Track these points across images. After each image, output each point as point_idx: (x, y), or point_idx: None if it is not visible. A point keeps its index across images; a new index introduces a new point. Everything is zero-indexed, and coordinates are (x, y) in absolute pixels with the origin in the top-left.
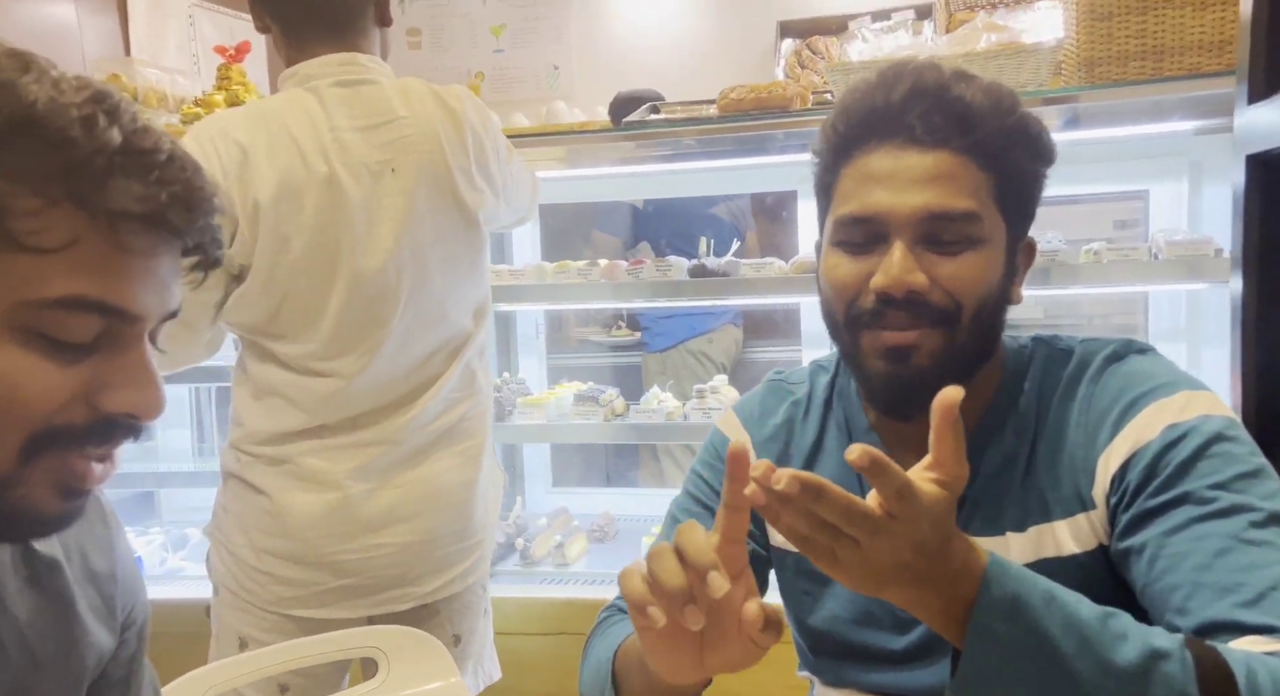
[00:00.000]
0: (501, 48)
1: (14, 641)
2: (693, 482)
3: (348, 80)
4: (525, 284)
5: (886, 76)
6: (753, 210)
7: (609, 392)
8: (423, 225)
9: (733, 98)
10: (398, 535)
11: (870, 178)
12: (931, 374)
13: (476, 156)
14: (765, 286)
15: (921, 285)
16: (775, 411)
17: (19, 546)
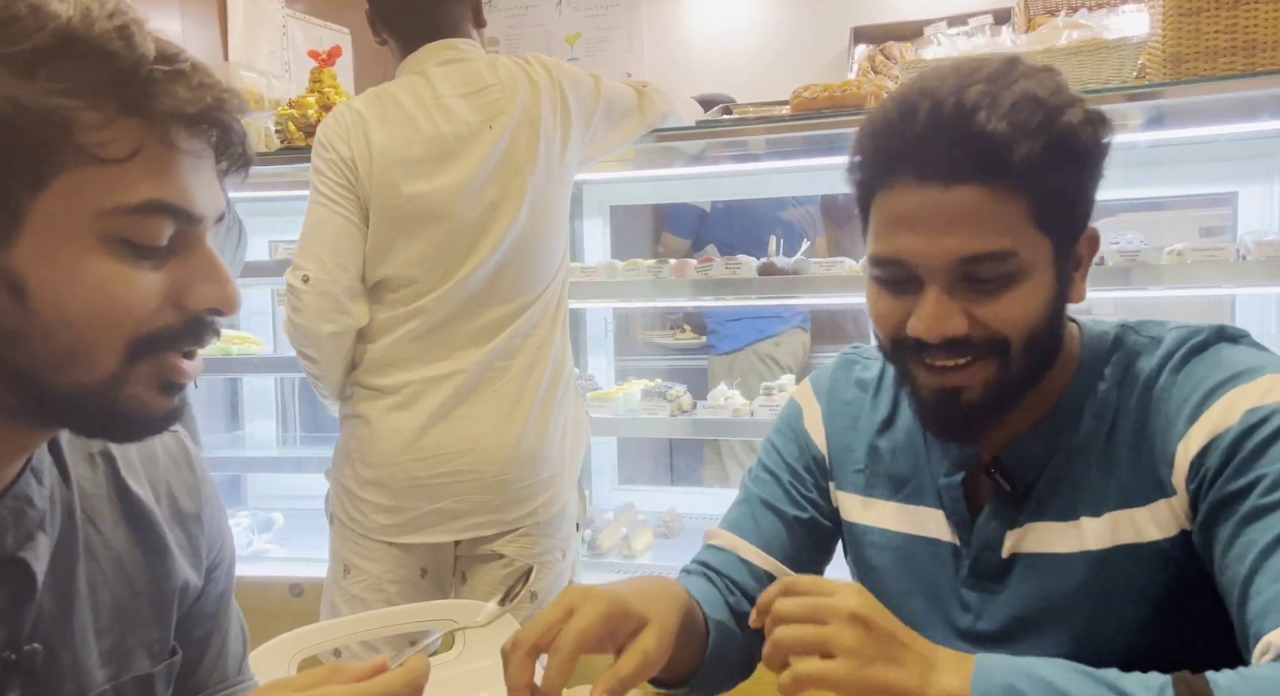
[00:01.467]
0: (576, 56)
1: (113, 568)
2: (765, 451)
3: (447, 59)
4: (596, 280)
5: (905, 105)
6: (822, 213)
7: (676, 389)
8: (514, 172)
9: (806, 97)
10: (479, 463)
11: (898, 219)
12: (985, 404)
13: (558, 106)
14: (835, 285)
15: (959, 330)
16: (846, 386)
17: (114, 484)
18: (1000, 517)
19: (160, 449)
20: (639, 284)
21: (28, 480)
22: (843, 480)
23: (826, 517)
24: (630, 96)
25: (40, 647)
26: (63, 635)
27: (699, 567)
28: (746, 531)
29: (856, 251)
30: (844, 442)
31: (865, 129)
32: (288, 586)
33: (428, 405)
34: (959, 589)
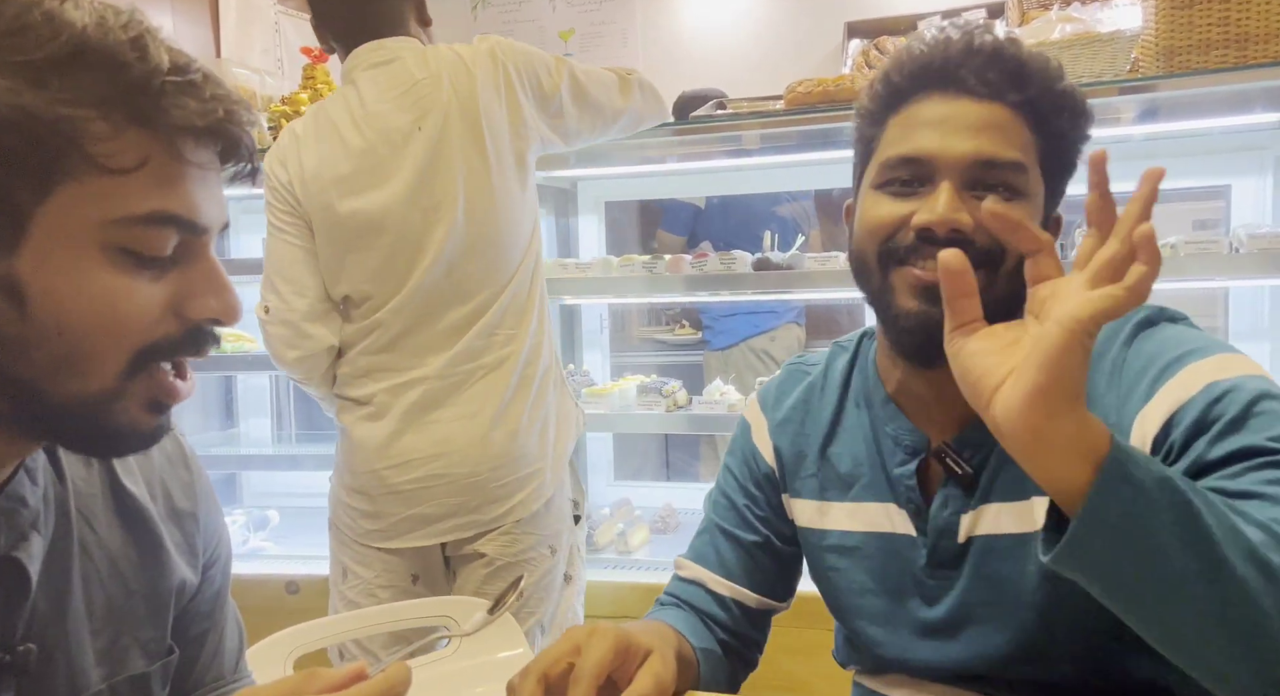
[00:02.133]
0: (570, 52)
1: (108, 568)
2: (722, 474)
3: (376, 61)
4: (591, 276)
5: (935, 39)
6: (816, 208)
7: (672, 384)
8: (450, 168)
9: (799, 91)
10: (450, 466)
11: (921, 122)
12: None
13: (501, 88)
14: (829, 280)
15: (967, 224)
16: (790, 393)
17: (109, 483)
18: (955, 503)
19: (155, 447)
20: (634, 280)
21: (21, 480)
22: (796, 487)
23: (783, 537)
24: (608, 79)
25: (34, 647)
26: (57, 635)
27: (672, 600)
28: (710, 562)
29: None
30: (795, 450)
31: (898, 54)
32: (283, 584)
33: (396, 413)
34: (920, 579)
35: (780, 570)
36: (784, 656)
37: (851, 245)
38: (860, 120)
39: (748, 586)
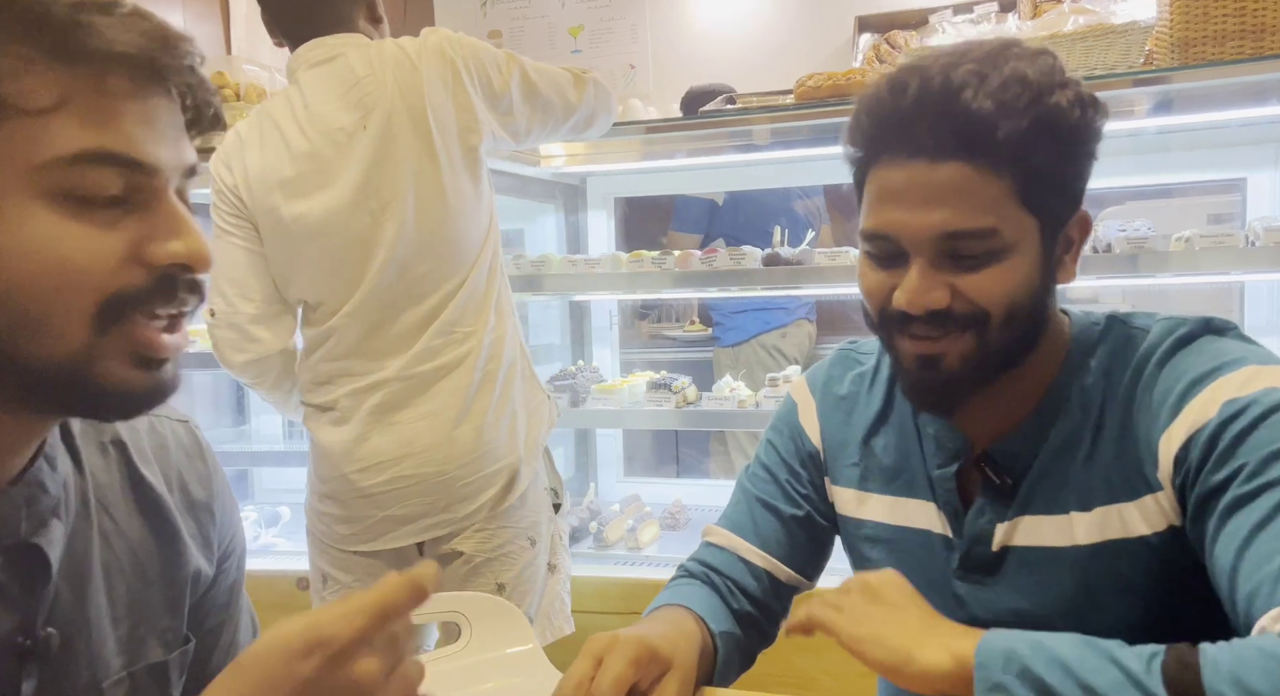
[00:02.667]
0: (579, 48)
1: (128, 557)
2: (763, 448)
3: (317, 59)
4: (600, 273)
5: (896, 83)
6: (827, 203)
7: (681, 381)
8: (396, 166)
9: (810, 85)
10: (417, 466)
11: (887, 194)
12: (963, 375)
13: (449, 82)
14: (840, 276)
15: (940, 303)
16: (841, 381)
17: (127, 473)
18: (991, 511)
19: (171, 438)
20: (643, 276)
21: (41, 466)
22: (837, 475)
23: (823, 514)
24: (561, 77)
25: (56, 633)
26: (79, 622)
27: (700, 568)
28: (745, 531)
29: None
30: (839, 438)
31: (859, 106)
32: (294, 579)
33: (360, 416)
34: (950, 581)
35: (814, 548)
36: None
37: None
38: (849, 161)
39: (781, 559)
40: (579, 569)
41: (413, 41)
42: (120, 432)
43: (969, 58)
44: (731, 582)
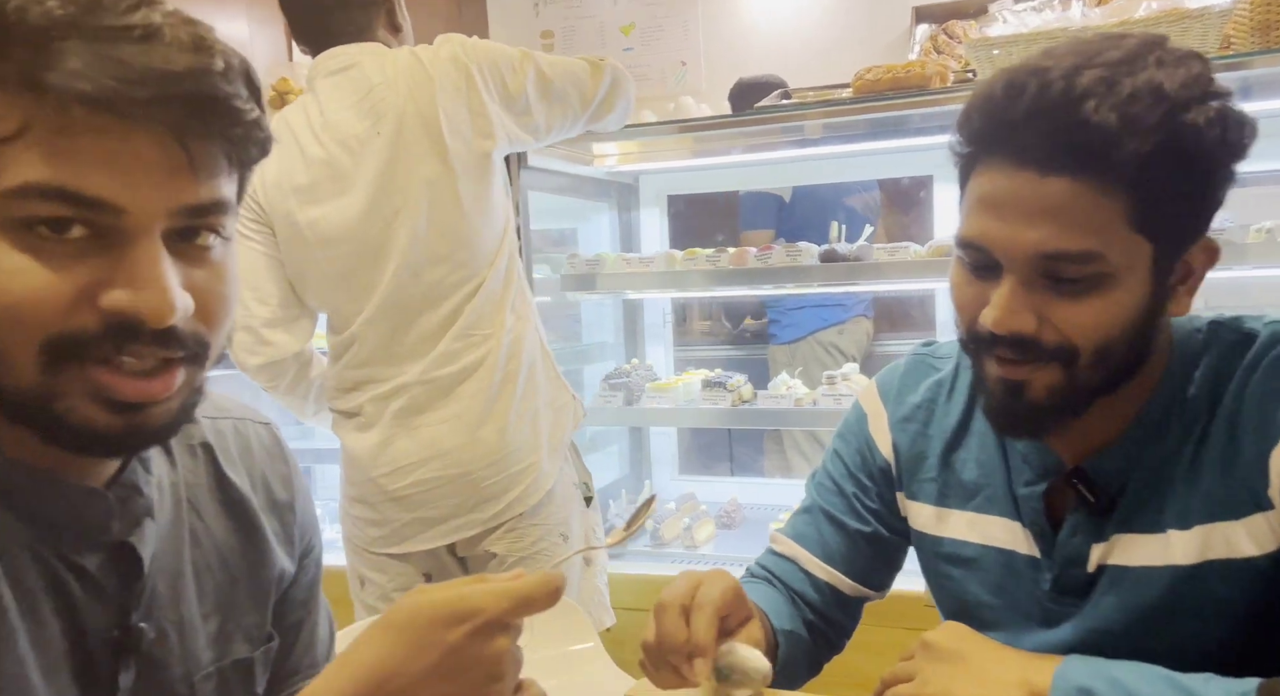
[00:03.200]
0: (631, 46)
1: (215, 556)
2: (829, 457)
3: (334, 68)
4: (654, 271)
5: (1013, 82)
6: (884, 198)
7: (736, 378)
8: (409, 172)
9: (868, 78)
10: (442, 468)
11: (987, 202)
12: (1048, 407)
13: (463, 89)
14: (898, 271)
15: (1027, 329)
16: (916, 389)
17: (213, 474)
18: (1085, 530)
19: (255, 440)
20: (697, 273)
21: (134, 468)
22: (913, 489)
23: (892, 529)
24: (577, 68)
25: (149, 627)
26: (172, 618)
27: (763, 572)
28: (810, 542)
29: (922, 237)
30: (915, 450)
31: (971, 102)
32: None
33: (385, 421)
34: (1040, 603)
35: (882, 562)
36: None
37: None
38: (953, 158)
39: (845, 572)
40: (634, 567)
41: (427, 49)
42: (207, 435)
43: (1100, 60)
44: (794, 592)
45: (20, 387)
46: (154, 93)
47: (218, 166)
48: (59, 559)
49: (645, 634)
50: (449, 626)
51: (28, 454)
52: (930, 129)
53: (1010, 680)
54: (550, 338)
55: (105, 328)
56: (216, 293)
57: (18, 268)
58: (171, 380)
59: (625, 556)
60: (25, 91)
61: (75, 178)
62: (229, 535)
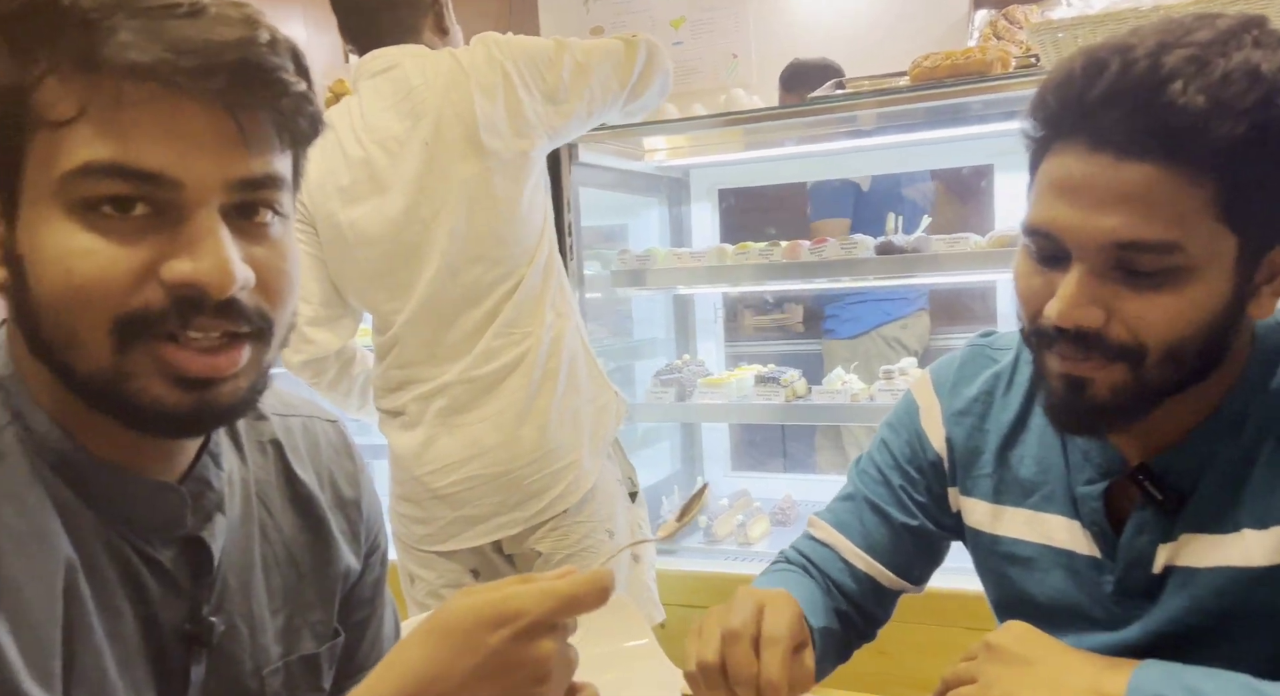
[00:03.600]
0: (680, 39)
1: (283, 551)
2: (877, 447)
3: (376, 70)
4: (705, 266)
5: (1094, 60)
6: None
7: (790, 373)
8: (445, 172)
9: (926, 66)
10: (484, 466)
11: (1059, 186)
12: (1112, 407)
13: (498, 88)
14: (958, 263)
15: (1093, 323)
16: (972, 381)
17: (282, 471)
18: (1151, 530)
19: (322, 438)
20: (749, 268)
21: (205, 463)
22: (968, 485)
23: (939, 523)
24: (612, 47)
25: (220, 621)
26: (243, 611)
27: (800, 559)
28: (851, 531)
29: (982, 227)
30: (970, 445)
31: (1046, 82)
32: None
33: (428, 420)
34: (1103, 605)
35: (925, 556)
36: (914, 655)
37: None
38: (1024, 141)
39: (886, 565)
40: (687, 564)
41: (465, 51)
42: (276, 433)
43: (1190, 39)
44: (831, 581)
45: (94, 370)
46: (201, 62)
47: (269, 140)
48: (134, 552)
49: (704, 653)
50: (493, 628)
51: (105, 448)
52: (991, 116)
53: (1080, 686)
54: (600, 334)
55: (170, 302)
56: (278, 268)
57: (86, 248)
58: (237, 355)
59: (678, 553)
60: (80, 73)
61: (131, 153)
62: (297, 532)
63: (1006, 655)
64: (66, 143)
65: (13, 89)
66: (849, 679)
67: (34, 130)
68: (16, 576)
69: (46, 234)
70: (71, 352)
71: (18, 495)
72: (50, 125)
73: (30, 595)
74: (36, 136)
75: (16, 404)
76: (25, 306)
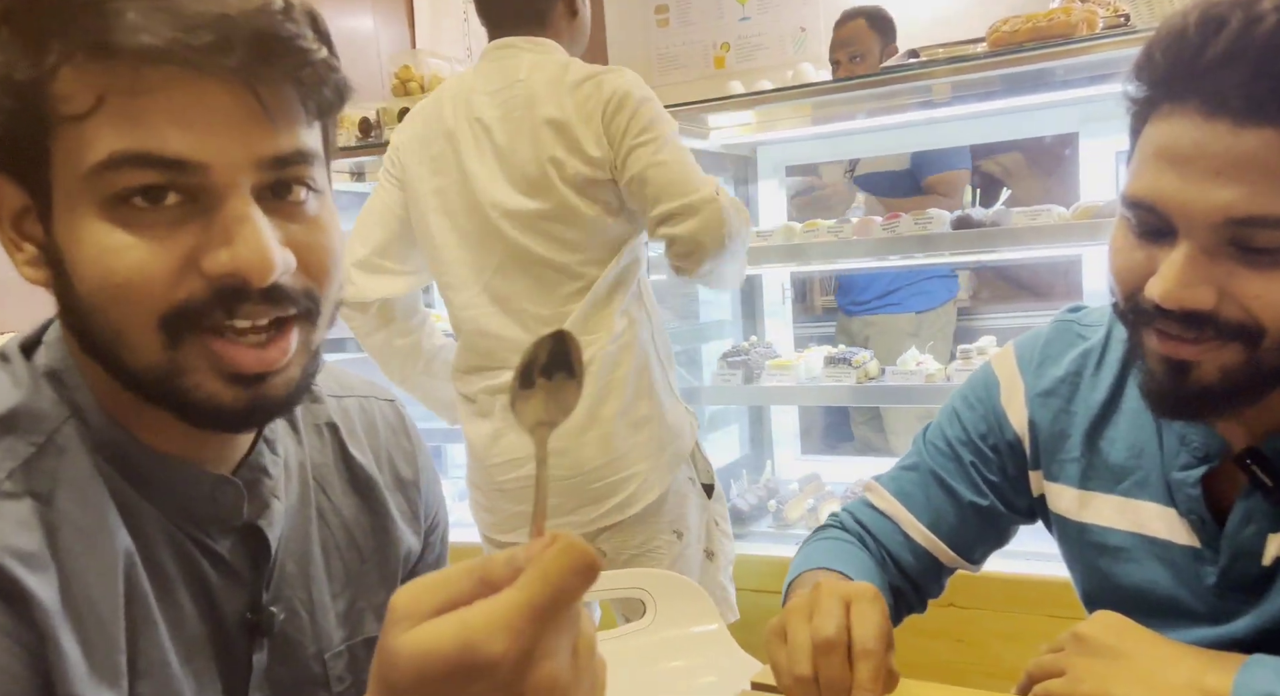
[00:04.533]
0: (748, 15)
1: (343, 535)
2: (948, 419)
3: (497, 56)
4: (772, 245)
5: (1210, 15)
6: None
7: (861, 354)
8: (516, 179)
9: (1005, 31)
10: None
11: (1166, 154)
12: (1220, 390)
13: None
14: (1040, 237)
15: (1203, 304)
16: (1059, 360)
17: (339, 454)
18: (1260, 519)
19: (380, 418)
20: (819, 245)
21: (261, 450)
22: (1053, 469)
23: (1010, 506)
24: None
25: (281, 609)
26: (303, 597)
27: (857, 528)
28: (915, 504)
29: (1065, 199)
30: (1056, 427)
31: (1154, 38)
32: (483, 551)
33: (496, 413)
34: (1205, 599)
35: (990, 537)
36: (998, 642)
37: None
38: (1126, 104)
39: (949, 542)
40: (758, 547)
41: (585, 69)
42: (332, 415)
43: None
44: (888, 553)
45: (146, 366)
46: (214, 38)
47: (294, 113)
48: (193, 543)
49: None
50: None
51: (160, 440)
52: (1076, 81)
53: (1180, 682)
54: (666, 317)
55: (212, 293)
56: (319, 245)
57: (121, 245)
58: (286, 342)
59: (748, 537)
60: (94, 61)
61: (155, 140)
62: (356, 513)
63: (1097, 647)
64: (89, 135)
65: (29, 84)
66: (927, 669)
67: (56, 126)
68: (82, 571)
69: (82, 233)
70: (122, 349)
71: (80, 488)
72: (71, 119)
73: (95, 590)
74: (59, 132)
75: (74, 397)
76: (71, 305)
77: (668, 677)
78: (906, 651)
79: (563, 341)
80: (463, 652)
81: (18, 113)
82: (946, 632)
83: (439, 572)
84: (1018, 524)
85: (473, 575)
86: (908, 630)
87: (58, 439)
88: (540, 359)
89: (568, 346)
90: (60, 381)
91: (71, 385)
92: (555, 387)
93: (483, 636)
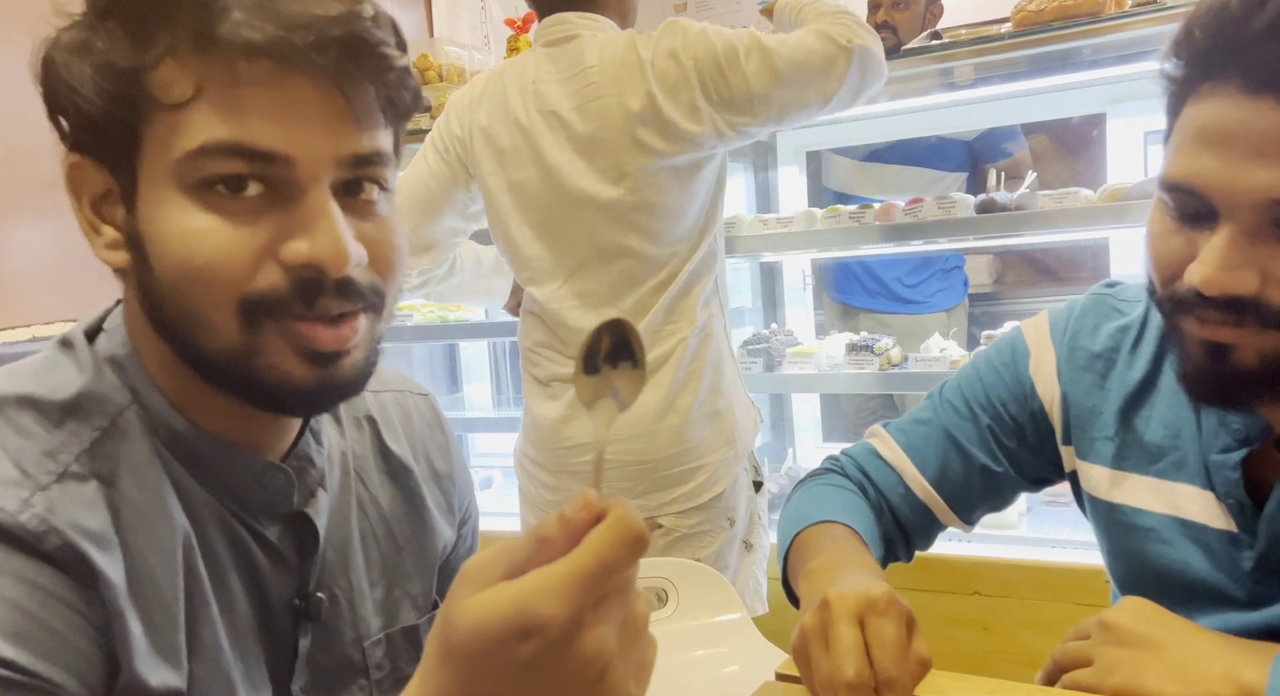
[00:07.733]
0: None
1: (380, 525)
2: (968, 380)
3: (554, 38)
4: (792, 232)
5: None
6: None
7: (884, 342)
8: (604, 166)
9: (1030, 10)
10: (619, 453)
11: (1206, 135)
12: (1260, 375)
13: (667, 86)
14: (1068, 220)
15: (1246, 289)
16: (1094, 333)
17: (377, 445)
18: None
19: (415, 412)
20: (839, 231)
21: (308, 440)
22: (1085, 448)
23: (1024, 473)
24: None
25: (324, 597)
26: (344, 585)
27: (859, 475)
28: (922, 459)
29: (1093, 182)
30: (1088, 404)
31: (1194, 14)
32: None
33: (569, 397)
34: (1242, 585)
35: (994, 502)
36: (1024, 630)
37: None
38: (1163, 83)
39: (949, 502)
40: None
41: (648, 40)
42: (370, 408)
43: None
44: (887, 504)
45: (221, 347)
46: (312, 38)
47: (375, 116)
48: (244, 528)
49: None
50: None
51: (217, 425)
52: (1104, 61)
53: (1215, 673)
54: None
55: (291, 283)
56: (387, 243)
57: (204, 228)
58: (356, 324)
59: (771, 525)
60: (196, 54)
61: (247, 132)
62: (394, 505)
63: (1126, 635)
64: (184, 123)
65: (131, 72)
66: (951, 657)
67: (152, 112)
68: (145, 551)
69: (166, 215)
70: (198, 331)
71: (140, 472)
72: (168, 107)
73: (157, 570)
74: (154, 118)
75: (135, 382)
76: (149, 287)
77: (689, 667)
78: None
79: (622, 329)
80: (518, 614)
81: (116, 98)
82: (973, 621)
83: (505, 541)
84: (1021, 489)
85: (531, 538)
86: (934, 618)
87: (120, 423)
88: (604, 346)
89: (627, 334)
90: (121, 367)
91: (131, 370)
92: (620, 374)
93: (537, 599)
